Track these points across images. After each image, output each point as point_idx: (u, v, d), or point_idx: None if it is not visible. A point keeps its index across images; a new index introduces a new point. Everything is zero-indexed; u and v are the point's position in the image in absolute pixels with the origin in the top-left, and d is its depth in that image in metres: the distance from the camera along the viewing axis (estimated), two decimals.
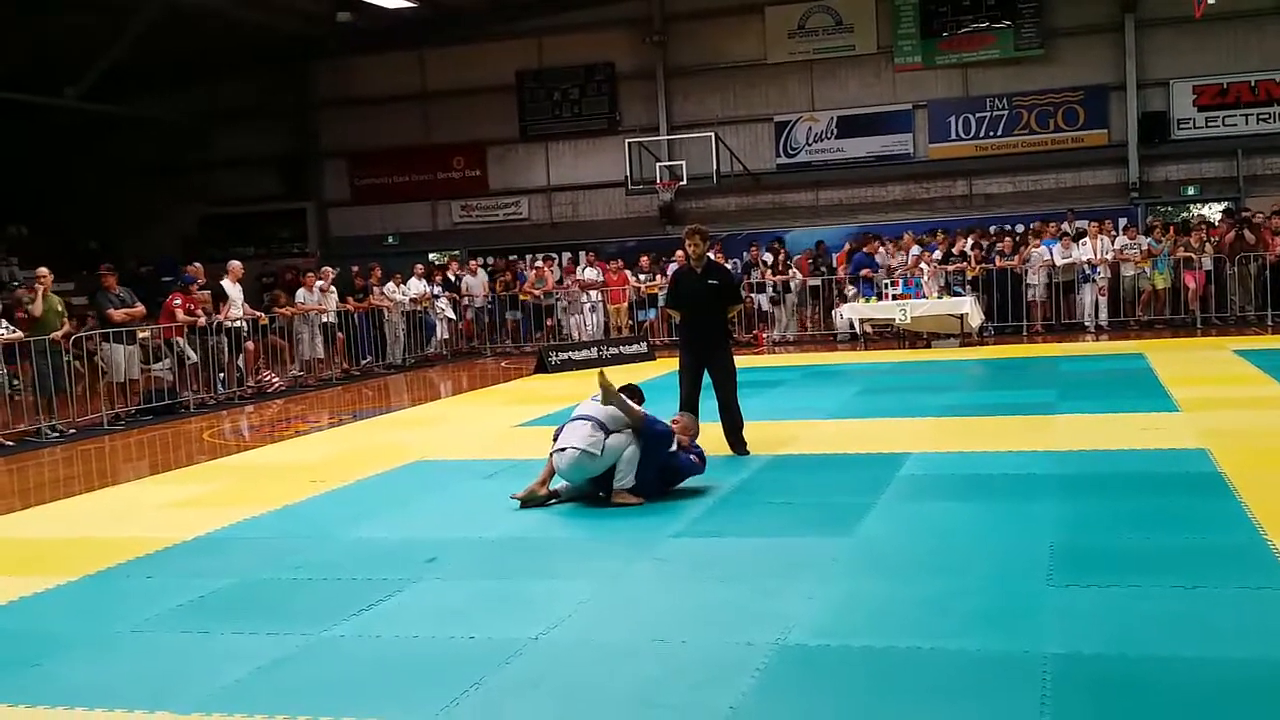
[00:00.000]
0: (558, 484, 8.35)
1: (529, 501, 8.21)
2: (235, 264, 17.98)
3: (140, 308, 15.83)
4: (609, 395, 8.16)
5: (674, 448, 8.32)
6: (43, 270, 14.70)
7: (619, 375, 9.80)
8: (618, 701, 4.57)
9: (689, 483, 8.43)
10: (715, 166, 25.04)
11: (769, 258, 22.71)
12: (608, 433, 8.06)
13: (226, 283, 17.41)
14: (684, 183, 25.11)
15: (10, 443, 13.37)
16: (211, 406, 16.19)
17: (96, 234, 29.57)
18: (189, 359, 16.24)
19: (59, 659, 5.49)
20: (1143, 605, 5.36)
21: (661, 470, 8.22)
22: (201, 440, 13.27)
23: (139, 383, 15.65)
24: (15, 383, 15.27)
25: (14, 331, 14.17)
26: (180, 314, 16.08)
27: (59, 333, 14.41)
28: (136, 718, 4.65)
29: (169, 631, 5.83)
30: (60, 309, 15.12)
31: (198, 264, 17.52)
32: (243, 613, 6.06)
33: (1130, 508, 7.26)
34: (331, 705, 4.67)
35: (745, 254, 23.33)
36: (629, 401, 8.21)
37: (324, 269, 20.43)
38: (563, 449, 8.11)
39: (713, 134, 25.35)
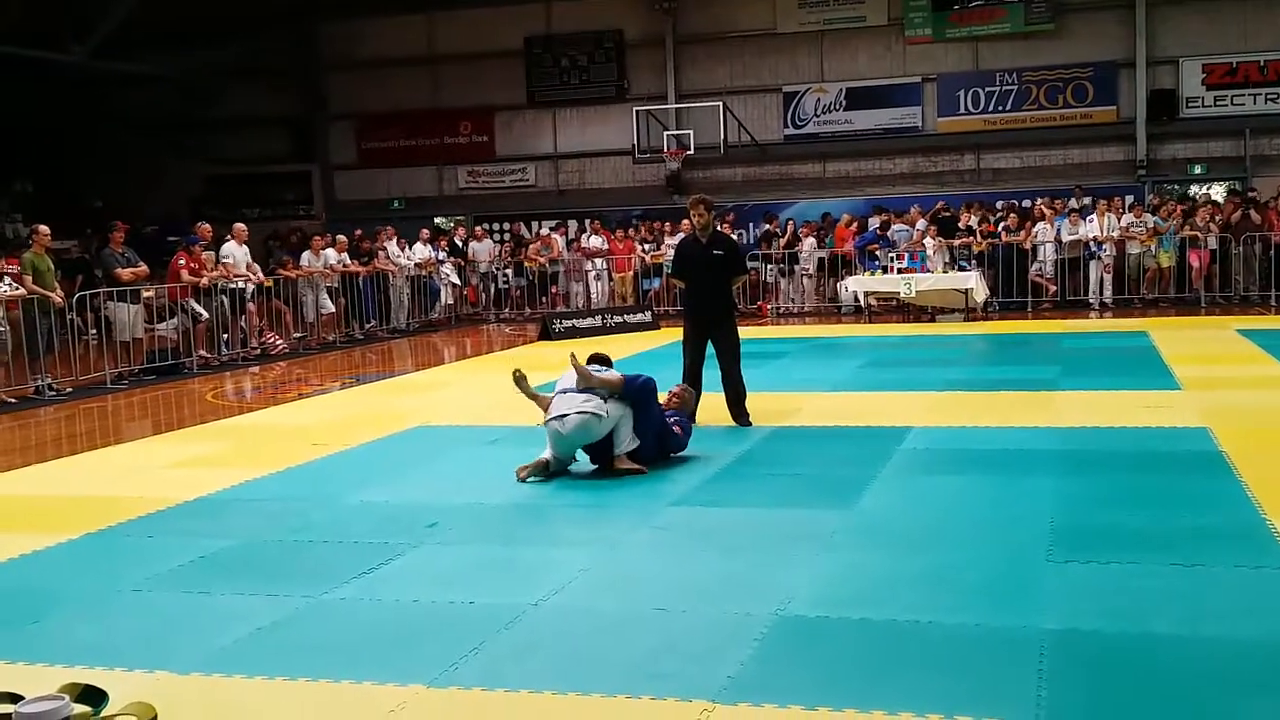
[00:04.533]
0: (543, 455, 8.20)
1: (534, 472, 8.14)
2: (240, 226, 17.89)
3: (144, 267, 15.85)
4: (584, 378, 8.07)
5: (664, 404, 8.36)
6: (43, 228, 14.61)
7: (622, 345, 9.77)
8: (616, 669, 4.58)
9: (689, 451, 8.44)
10: (723, 136, 24.86)
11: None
12: (604, 397, 8.04)
13: (232, 245, 17.37)
14: (691, 152, 24.94)
15: (13, 400, 13.37)
16: (215, 368, 16.20)
17: (102, 192, 29.45)
18: (200, 317, 16.24)
19: (58, 617, 5.52)
20: (1141, 582, 5.37)
21: (658, 433, 8.22)
22: (204, 401, 13.29)
23: (143, 342, 15.63)
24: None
25: (16, 289, 14.07)
26: (185, 274, 16.08)
27: (57, 294, 14.27)
28: (135, 677, 4.66)
29: (169, 591, 5.85)
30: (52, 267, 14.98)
31: (206, 224, 17.43)
32: (243, 574, 6.08)
33: (1130, 485, 7.27)
34: (330, 667, 4.68)
35: (754, 225, 23.29)
36: (604, 373, 8.16)
37: (339, 238, 20.41)
38: (564, 415, 7.95)
39: (720, 103, 25.14)
